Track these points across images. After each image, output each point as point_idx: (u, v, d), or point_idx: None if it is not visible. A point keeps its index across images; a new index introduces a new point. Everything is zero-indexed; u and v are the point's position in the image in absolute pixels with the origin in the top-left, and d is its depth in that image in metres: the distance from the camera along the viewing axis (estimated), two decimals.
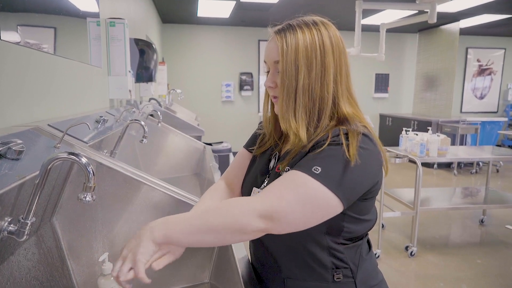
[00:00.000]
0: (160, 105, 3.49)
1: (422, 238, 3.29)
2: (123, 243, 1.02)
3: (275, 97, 0.82)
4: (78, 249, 0.99)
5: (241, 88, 6.90)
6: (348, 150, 0.70)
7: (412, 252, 2.92)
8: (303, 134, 0.76)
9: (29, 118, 1.06)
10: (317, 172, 0.68)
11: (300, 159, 0.75)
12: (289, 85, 0.76)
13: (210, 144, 2.80)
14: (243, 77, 6.88)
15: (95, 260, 0.99)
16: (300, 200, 0.67)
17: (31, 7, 1.11)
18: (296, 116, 0.76)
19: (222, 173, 1.10)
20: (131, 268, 0.68)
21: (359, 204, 0.75)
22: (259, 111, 7.06)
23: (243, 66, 6.91)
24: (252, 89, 6.93)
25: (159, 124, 2.21)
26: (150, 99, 3.53)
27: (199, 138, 2.92)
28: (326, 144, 0.72)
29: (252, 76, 6.91)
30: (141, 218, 1.05)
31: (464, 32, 6.63)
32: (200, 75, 6.76)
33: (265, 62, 0.83)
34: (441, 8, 4.88)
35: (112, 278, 0.89)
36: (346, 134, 0.73)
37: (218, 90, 6.89)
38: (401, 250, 3.05)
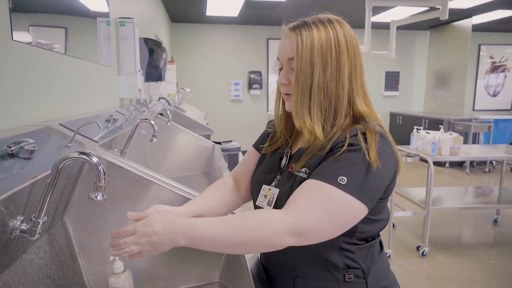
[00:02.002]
0: (169, 104, 3.50)
1: (434, 238, 3.24)
2: None
3: (286, 94, 0.82)
4: (89, 247, 0.99)
5: (250, 86, 6.89)
6: (369, 153, 0.70)
7: (423, 252, 2.89)
8: (318, 132, 0.75)
9: (40, 117, 1.07)
10: (344, 183, 0.68)
11: (318, 161, 0.75)
12: (304, 83, 0.75)
13: (219, 143, 2.80)
14: (252, 76, 6.87)
15: (106, 258, 1.00)
16: (330, 215, 0.68)
17: (42, 8, 1.12)
18: (311, 113, 0.76)
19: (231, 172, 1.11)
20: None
21: (375, 205, 0.74)
22: (268, 110, 7.05)
23: (252, 65, 6.91)
24: (261, 87, 6.92)
25: (169, 123, 2.21)
26: (160, 98, 3.55)
27: (208, 137, 2.92)
28: (345, 146, 0.71)
29: (261, 75, 6.90)
30: None
31: (476, 28, 6.52)
32: (208, 74, 6.77)
33: (278, 59, 0.83)
34: (453, 4, 4.80)
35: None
36: (364, 134, 0.73)
37: (227, 89, 6.89)
38: (412, 250, 3.01)
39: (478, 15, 5.76)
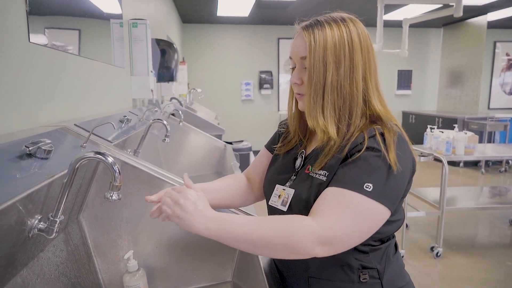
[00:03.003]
0: (181, 104, 3.52)
1: (448, 238, 3.19)
2: (148, 240, 1.03)
3: (299, 94, 0.81)
4: (104, 246, 1.01)
5: (260, 86, 6.89)
6: (389, 155, 0.69)
7: (437, 253, 2.84)
8: (332, 131, 0.75)
9: (55, 118, 1.09)
10: (370, 190, 0.68)
11: (337, 164, 0.74)
12: (317, 82, 0.75)
13: (230, 143, 2.81)
14: (263, 76, 6.87)
15: (120, 257, 1.01)
16: (358, 222, 0.68)
17: (57, 10, 1.14)
18: (324, 113, 0.75)
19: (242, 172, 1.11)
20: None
21: None
22: (279, 110, 7.04)
23: (263, 65, 6.90)
24: (271, 87, 6.91)
25: (181, 123, 2.23)
26: (171, 98, 3.57)
27: (219, 137, 2.93)
28: (364, 148, 0.71)
29: (271, 75, 6.89)
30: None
31: (492, 25, 6.38)
32: (219, 74, 6.80)
33: (290, 58, 0.82)
34: (468, 1, 4.71)
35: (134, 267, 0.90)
36: (382, 135, 0.72)
37: (237, 89, 6.90)
38: (426, 251, 2.97)
39: (494, 12, 5.65)
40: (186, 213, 0.72)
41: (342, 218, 0.68)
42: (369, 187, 0.68)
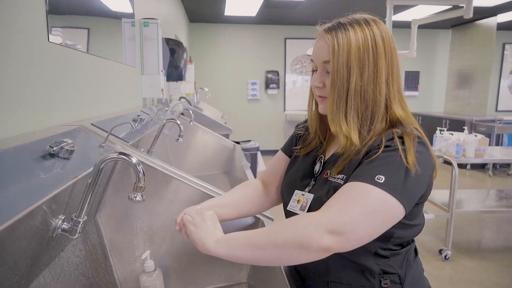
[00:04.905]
0: (190, 103, 3.53)
1: (456, 241, 3.17)
2: (163, 240, 1.03)
3: (320, 97, 0.81)
4: (120, 246, 1.01)
5: (267, 86, 6.88)
6: (406, 157, 0.67)
7: (446, 255, 2.82)
8: (355, 137, 0.73)
9: (71, 117, 1.09)
10: (381, 181, 0.66)
11: (354, 166, 0.73)
12: (341, 87, 0.74)
13: (238, 143, 2.80)
14: (269, 75, 6.85)
15: (136, 257, 1.01)
16: (367, 210, 0.65)
17: (73, 10, 1.15)
18: (348, 118, 0.74)
19: (252, 172, 1.10)
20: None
21: (411, 209, 0.72)
22: (285, 110, 7.02)
23: (269, 64, 6.89)
24: (278, 87, 6.89)
25: (191, 123, 2.23)
26: (180, 97, 3.58)
27: (226, 136, 2.93)
28: (381, 149, 0.70)
29: (278, 74, 6.88)
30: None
31: (501, 27, 6.33)
32: (226, 73, 6.79)
33: (312, 61, 0.81)
34: (478, 2, 4.67)
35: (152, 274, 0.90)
36: (401, 138, 0.71)
37: (244, 89, 6.90)
38: (435, 254, 2.95)
39: (504, 13, 5.59)
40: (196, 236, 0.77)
41: (349, 205, 0.65)
42: (380, 178, 0.66)
